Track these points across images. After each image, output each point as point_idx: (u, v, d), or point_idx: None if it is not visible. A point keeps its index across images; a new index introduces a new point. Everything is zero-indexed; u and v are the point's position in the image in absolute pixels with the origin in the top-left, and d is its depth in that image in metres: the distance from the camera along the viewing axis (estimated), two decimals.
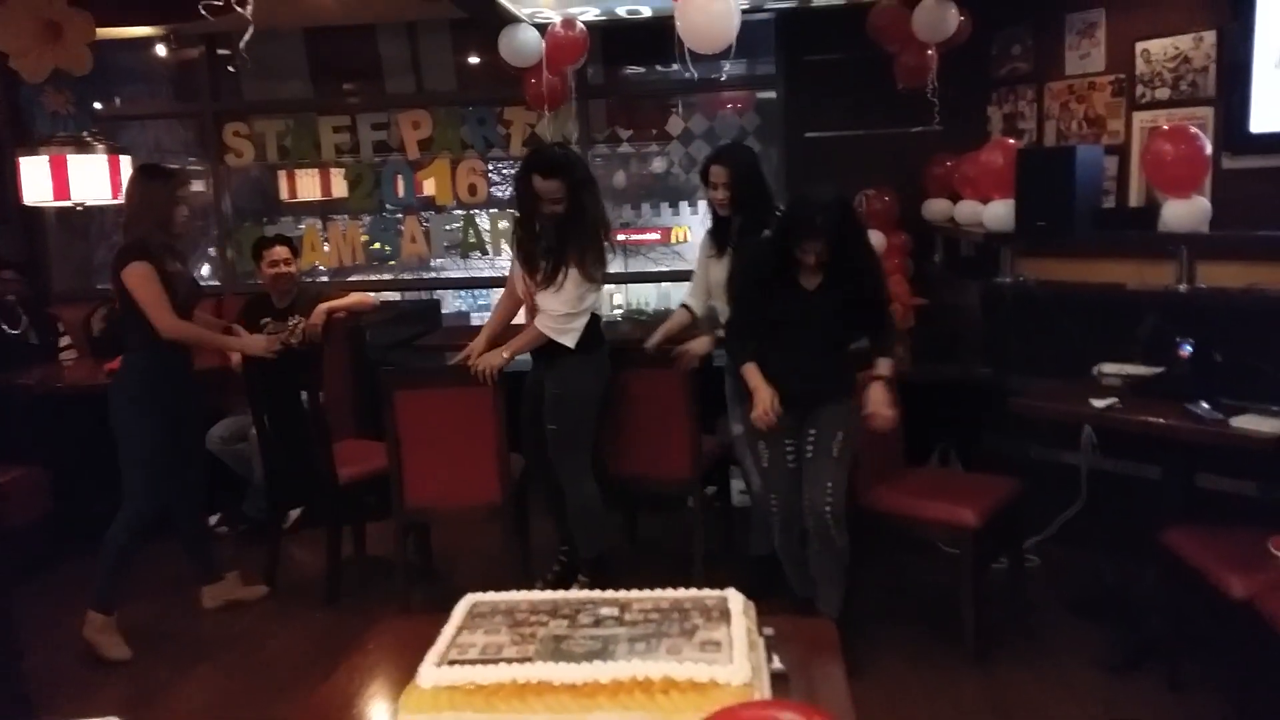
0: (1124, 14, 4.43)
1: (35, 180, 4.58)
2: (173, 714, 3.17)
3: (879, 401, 3.17)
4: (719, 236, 3.73)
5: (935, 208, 5.14)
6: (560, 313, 3.53)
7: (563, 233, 3.51)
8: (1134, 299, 3.93)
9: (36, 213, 5.78)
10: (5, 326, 4.87)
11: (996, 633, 3.37)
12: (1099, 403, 3.17)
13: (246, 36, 2.47)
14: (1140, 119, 4.38)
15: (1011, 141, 4.66)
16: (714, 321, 3.75)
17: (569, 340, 3.55)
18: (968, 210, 4.72)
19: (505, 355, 3.54)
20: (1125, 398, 3.21)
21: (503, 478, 3.61)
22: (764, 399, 3.13)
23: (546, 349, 3.60)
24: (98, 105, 5.93)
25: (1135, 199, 4.39)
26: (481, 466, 3.59)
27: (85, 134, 4.71)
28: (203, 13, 2.42)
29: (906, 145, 5.25)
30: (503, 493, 3.62)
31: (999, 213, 4.36)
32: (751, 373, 3.21)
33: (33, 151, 4.63)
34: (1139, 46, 4.35)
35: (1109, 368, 3.46)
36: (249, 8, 2.31)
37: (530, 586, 2.54)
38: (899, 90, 4.93)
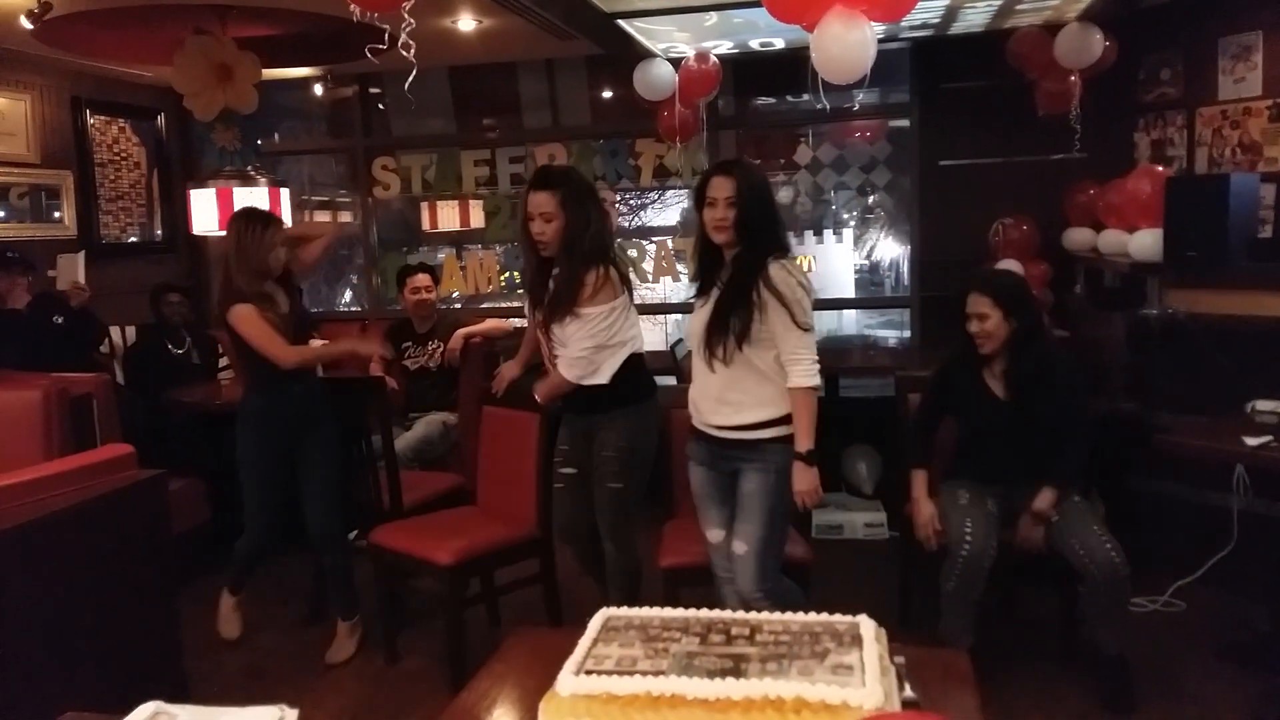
0: None
1: (203, 211, 4.91)
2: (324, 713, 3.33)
3: (1029, 537, 3.12)
4: (707, 273, 2.93)
5: (1077, 237, 4.99)
6: (582, 347, 3.13)
7: (567, 254, 3.12)
8: None
9: (201, 241, 6.21)
10: (171, 346, 5.22)
11: (1137, 677, 3.22)
12: (1252, 441, 3.03)
13: (410, 78, 2.62)
14: None
15: (1160, 169, 4.50)
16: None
17: (602, 378, 3.14)
18: (1112, 239, 4.57)
19: (538, 397, 3.29)
20: None
21: (541, 510, 3.51)
22: (924, 516, 3.20)
23: (601, 397, 3.18)
24: (259, 141, 6.34)
25: None
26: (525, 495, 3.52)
27: (249, 168, 5.04)
28: (368, 55, 2.58)
29: (1046, 173, 5.13)
30: (540, 527, 3.52)
31: (1146, 242, 4.21)
32: (919, 480, 3.26)
33: (202, 184, 4.98)
34: None
35: (1264, 404, 3.30)
36: (412, 51, 2.45)
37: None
38: (1039, 117, 4.83)
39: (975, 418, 3.25)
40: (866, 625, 1.61)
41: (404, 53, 2.46)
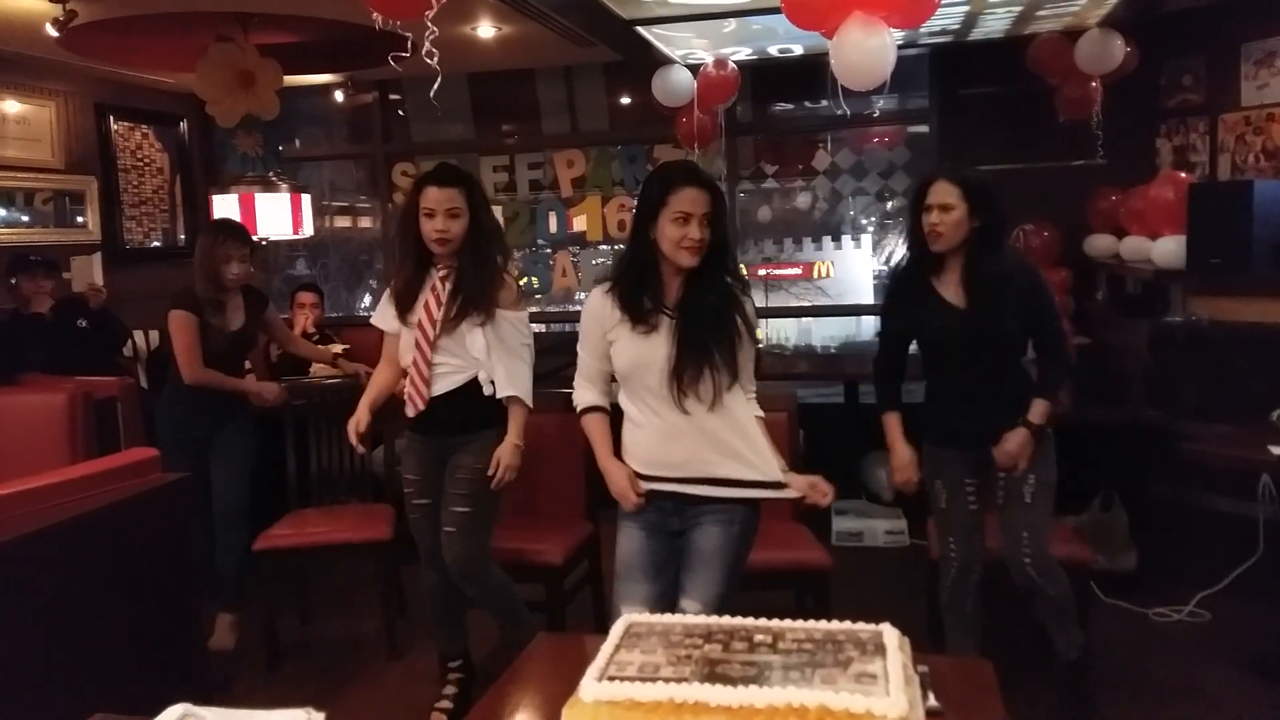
0: None
1: (225, 216, 4.95)
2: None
3: (1011, 450, 2.80)
4: (640, 295, 2.42)
5: (1099, 243, 4.96)
6: (525, 342, 2.98)
7: (471, 254, 2.91)
8: None
9: None
10: None
11: (1163, 688, 3.19)
12: (1278, 449, 2.99)
13: (435, 86, 2.63)
14: None
15: (1183, 175, 4.47)
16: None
17: (518, 388, 2.96)
18: (1134, 246, 4.55)
19: (519, 444, 2.98)
20: None
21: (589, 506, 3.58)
22: (900, 460, 2.93)
23: (473, 417, 2.97)
24: (280, 147, 6.38)
25: None
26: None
27: (271, 174, 5.08)
28: (390, 62, 2.60)
29: (1067, 179, 5.11)
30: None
31: (1169, 249, 4.19)
32: (891, 424, 2.97)
33: (224, 190, 5.02)
34: None
35: None
36: (435, 59, 2.47)
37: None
38: (1060, 123, 4.81)
39: (933, 330, 2.89)
40: (890, 634, 1.60)
41: (428, 60, 2.48)
